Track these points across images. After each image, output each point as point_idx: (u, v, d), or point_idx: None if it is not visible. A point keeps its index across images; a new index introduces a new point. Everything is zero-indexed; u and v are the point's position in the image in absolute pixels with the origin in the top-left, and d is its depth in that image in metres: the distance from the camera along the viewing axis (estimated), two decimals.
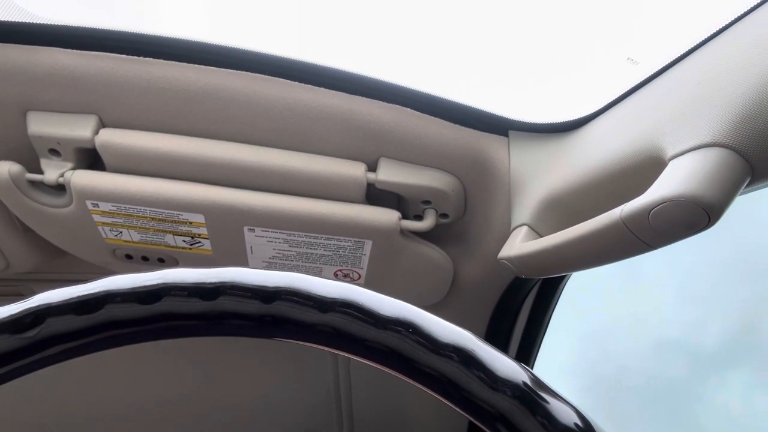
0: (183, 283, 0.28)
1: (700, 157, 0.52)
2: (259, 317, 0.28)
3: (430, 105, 0.82)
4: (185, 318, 0.28)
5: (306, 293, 0.28)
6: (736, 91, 0.53)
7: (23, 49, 0.77)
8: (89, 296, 0.27)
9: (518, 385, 0.27)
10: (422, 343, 0.28)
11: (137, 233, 0.88)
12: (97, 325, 0.27)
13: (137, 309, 0.27)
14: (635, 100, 0.72)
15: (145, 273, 0.29)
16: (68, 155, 0.83)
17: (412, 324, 0.28)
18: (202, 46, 0.79)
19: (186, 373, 1.25)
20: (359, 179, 0.84)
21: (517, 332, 1.06)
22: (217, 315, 0.28)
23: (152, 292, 0.28)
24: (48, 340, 0.26)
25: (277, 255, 0.90)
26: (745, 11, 0.59)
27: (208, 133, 0.83)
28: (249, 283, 0.28)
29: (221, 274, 0.29)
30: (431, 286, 0.97)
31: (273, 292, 0.28)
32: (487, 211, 0.88)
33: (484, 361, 0.27)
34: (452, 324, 0.29)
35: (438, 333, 0.28)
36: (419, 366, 0.27)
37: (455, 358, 0.27)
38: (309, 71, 0.80)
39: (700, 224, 0.52)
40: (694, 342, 1.97)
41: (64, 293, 0.27)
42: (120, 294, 0.28)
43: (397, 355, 0.28)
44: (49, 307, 0.27)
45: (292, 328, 0.28)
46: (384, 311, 0.28)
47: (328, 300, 0.28)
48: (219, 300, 0.28)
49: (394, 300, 0.29)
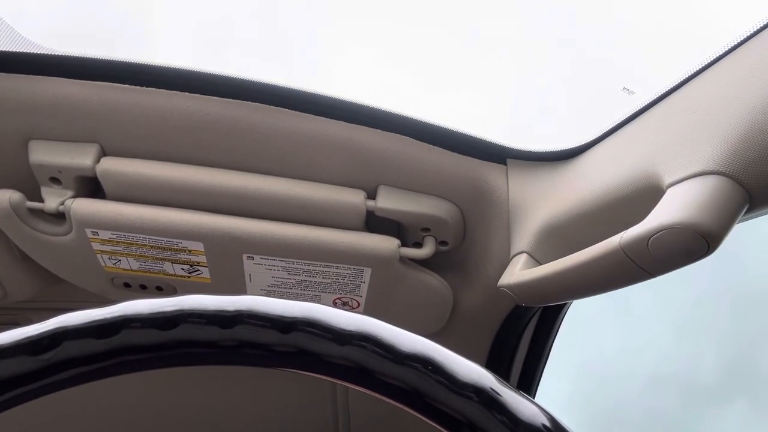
0: (201, 310, 0.28)
1: (697, 185, 0.52)
2: (276, 348, 0.28)
3: (429, 133, 0.82)
4: (200, 346, 0.27)
5: (325, 325, 0.28)
6: (732, 120, 0.53)
7: (26, 79, 0.78)
8: (107, 320, 0.27)
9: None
10: (442, 382, 0.27)
11: (136, 261, 0.87)
12: (113, 349, 0.27)
13: (154, 334, 0.27)
14: (632, 128, 0.73)
15: (163, 299, 0.28)
16: (69, 183, 0.83)
17: (429, 360, 0.27)
18: (203, 76, 0.80)
19: (182, 401, 1.24)
20: (358, 207, 0.84)
21: (517, 362, 1.05)
22: (234, 344, 0.28)
23: (169, 318, 0.27)
24: (64, 363, 0.26)
25: (275, 283, 0.90)
26: (740, 41, 0.60)
27: (209, 161, 0.84)
28: (267, 313, 0.28)
29: (239, 302, 0.29)
30: (431, 314, 0.96)
31: (291, 322, 0.28)
32: (486, 238, 0.88)
33: (505, 402, 0.27)
34: (470, 361, 0.28)
35: (456, 370, 0.27)
36: (437, 405, 0.27)
37: (475, 398, 0.27)
38: (309, 100, 0.81)
39: (700, 252, 0.52)
40: (689, 376, 1.95)
41: (81, 316, 0.27)
42: (139, 319, 0.27)
43: (416, 393, 0.27)
44: (66, 330, 0.27)
45: (310, 360, 0.28)
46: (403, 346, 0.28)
47: (346, 333, 0.28)
48: (235, 329, 0.28)
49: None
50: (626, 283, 0.61)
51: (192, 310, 0.28)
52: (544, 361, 1.07)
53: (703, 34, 0.74)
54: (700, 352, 1.91)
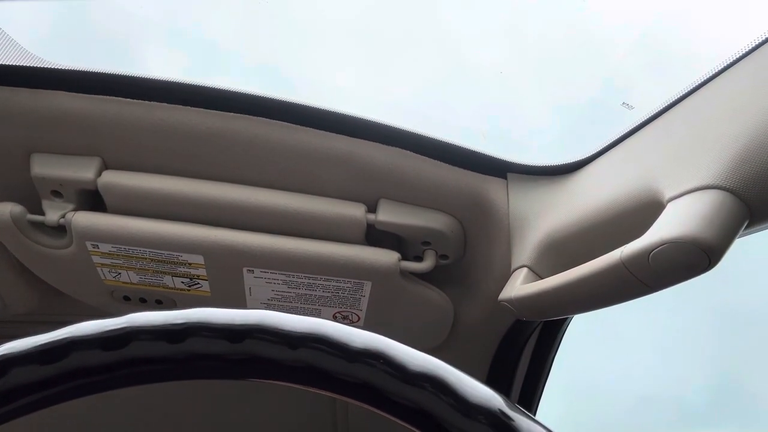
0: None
1: (698, 199, 0.52)
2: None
3: (430, 147, 0.83)
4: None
5: (334, 341, 0.28)
6: (732, 134, 0.53)
7: (29, 92, 0.78)
8: (115, 331, 0.27)
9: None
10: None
11: (136, 274, 0.87)
12: (122, 361, 0.27)
13: (164, 347, 0.27)
14: (632, 142, 0.73)
15: (173, 311, 0.28)
16: (70, 197, 0.83)
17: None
18: (205, 90, 0.80)
19: (182, 408, 1.23)
20: (359, 220, 0.84)
21: (518, 377, 1.05)
22: (243, 358, 0.27)
23: (179, 331, 0.27)
24: (72, 373, 0.26)
25: (275, 296, 0.90)
26: (740, 55, 0.60)
27: (210, 175, 0.84)
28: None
29: (248, 316, 0.28)
30: (431, 328, 0.96)
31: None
32: (487, 252, 0.88)
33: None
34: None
35: (466, 392, 0.27)
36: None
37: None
38: (310, 114, 0.81)
39: (701, 266, 0.52)
40: (679, 398, 1.94)
41: (91, 327, 0.27)
42: (149, 331, 0.27)
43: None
44: (75, 340, 0.26)
45: (316, 376, 0.27)
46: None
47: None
48: (244, 342, 0.27)
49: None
50: (627, 298, 0.61)
51: (201, 323, 0.28)
52: (546, 376, 1.06)
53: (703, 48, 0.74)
54: (688, 373, 1.90)
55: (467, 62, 0.94)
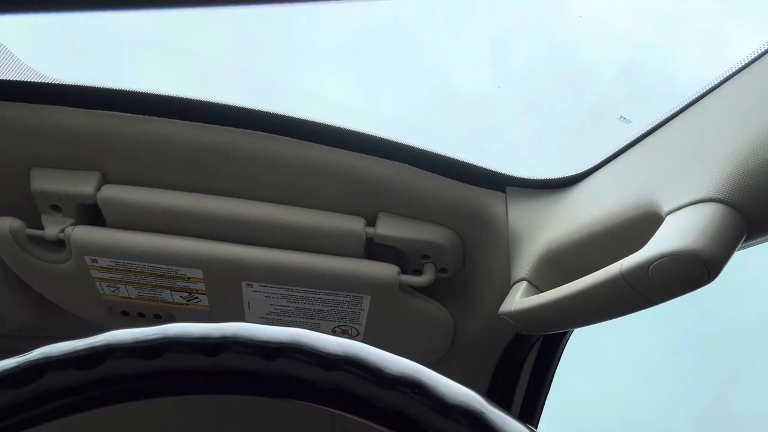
0: (186, 337, 0.27)
1: (697, 212, 0.52)
2: (261, 374, 0.27)
3: (429, 161, 0.83)
4: (185, 374, 0.27)
5: (311, 350, 0.27)
6: (731, 147, 0.53)
7: (29, 107, 0.79)
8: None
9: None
10: (430, 405, 0.26)
11: (135, 289, 0.87)
12: (97, 380, 0.26)
13: (138, 364, 0.27)
14: (631, 155, 0.73)
15: (148, 327, 0.28)
16: (70, 211, 0.83)
17: (418, 383, 0.27)
18: (204, 105, 0.81)
19: (179, 428, 1.22)
20: (358, 234, 0.84)
21: (519, 391, 1.04)
22: (220, 372, 0.27)
23: (153, 347, 0.27)
24: (46, 395, 0.26)
25: (274, 311, 0.89)
26: (738, 69, 0.60)
27: (209, 189, 0.84)
28: (252, 338, 0.27)
29: (223, 329, 0.28)
30: (431, 342, 0.96)
31: (276, 348, 0.27)
32: (486, 266, 0.88)
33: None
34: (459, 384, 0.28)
35: (444, 393, 0.27)
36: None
37: (463, 421, 0.26)
38: (309, 129, 0.81)
39: (701, 279, 0.52)
40: (662, 425, 1.93)
41: (65, 347, 0.27)
42: (122, 349, 0.27)
43: (405, 417, 0.26)
44: (49, 361, 0.26)
45: (295, 387, 0.27)
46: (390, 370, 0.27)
47: (332, 358, 0.27)
48: (221, 356, 0.27)
49: (400, 358, 0.28)
50: (626, 311, 0.60)
51: (176, 338, 0.27)
52: (547, 390, 1.05)
53: (700, 61, 0.74)
54: (670, 399, 1.89)
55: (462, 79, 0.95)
